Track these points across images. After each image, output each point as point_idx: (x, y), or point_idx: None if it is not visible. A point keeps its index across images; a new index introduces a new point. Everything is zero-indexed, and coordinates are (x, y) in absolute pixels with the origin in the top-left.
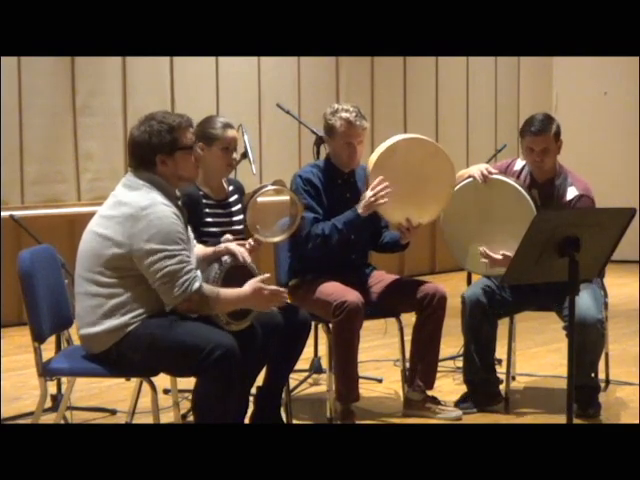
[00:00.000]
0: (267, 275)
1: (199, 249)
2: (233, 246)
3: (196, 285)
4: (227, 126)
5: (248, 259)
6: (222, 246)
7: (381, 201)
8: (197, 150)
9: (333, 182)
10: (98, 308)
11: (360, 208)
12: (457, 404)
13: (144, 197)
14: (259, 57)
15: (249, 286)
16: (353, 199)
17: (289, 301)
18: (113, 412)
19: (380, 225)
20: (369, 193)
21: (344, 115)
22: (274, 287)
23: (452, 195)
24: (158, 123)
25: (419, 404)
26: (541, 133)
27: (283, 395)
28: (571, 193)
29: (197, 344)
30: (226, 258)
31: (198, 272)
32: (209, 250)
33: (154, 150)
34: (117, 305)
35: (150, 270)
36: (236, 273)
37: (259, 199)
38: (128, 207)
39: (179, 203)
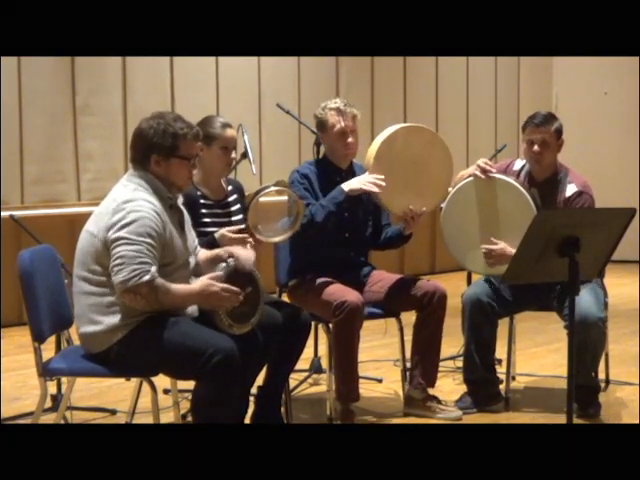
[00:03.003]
0: (219, 273)
1: (203, 253)
2: (238, 250)
3: (146, 278)
4: (226, 126)
5: (250, 261)
6: (224, 250)
7: (370, 188)
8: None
9: (331, 180)
10: (94, 306)
11: (346, 185)
12: (457, 404)
13: (129, 193)
14: (259, 57)
15: (199, 282)
16: (351, 197)
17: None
18: (113, 412)
19: (381, 223)
20: (363, 176)
21: (333, 106)
22: (225, 285)
23: (451, 181)
24: (165, 124)
25: (419, 402)
26: (542, 125)
27: (283, 395)
28: (570, 190)
29: (197, 348)
30: (230, 260)
31: (153, 268)
32: (212, 252)
33: (152, 148)
34: (112, 303)
35: (111, 254)
36: (239, 275)
37: (261, 199)
38: (113, 202)
39: (176, 204)
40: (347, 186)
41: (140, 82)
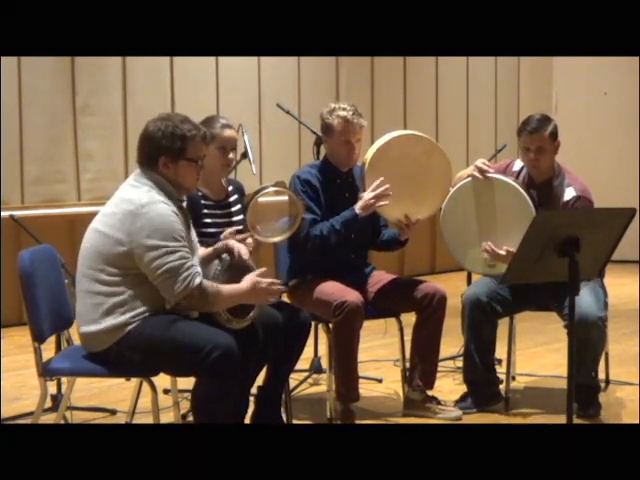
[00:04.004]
0: (264, 269)
1: (200, 251)
2: (231, 242)
3: (197, 280)
4: (225, 126)
5: (245, 255)
6: (221, 244)
7: (381, 203)
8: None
9: (332, 182)
10: (99, 306)
11: (358, 208)
12: (457, 404)
13: (144, 195)
14: (259, 57)
15: (247, 281)
16: (352, 198)
17: (284, 297)
18: (113, 412)
19: (379, 224)
20: (369, 194)
21: (341, 113)
22: (270, 280)
23: (449, 190)
24: (174, 127)
25: (419, 404)
26: (536, 132)
27: (283, 395)
28: (569, 194)
29: (196, 344)
30: (225, 255)
31: (199, 268)
32: (209, 250)
33: (160, 151)
34: (118, 303)
35: (151, 267)
36: (235, 270)
37: (260, 199)
38: (128, 204)
39: (182, 205)
40: (360, 209)
41: (140, 82)
